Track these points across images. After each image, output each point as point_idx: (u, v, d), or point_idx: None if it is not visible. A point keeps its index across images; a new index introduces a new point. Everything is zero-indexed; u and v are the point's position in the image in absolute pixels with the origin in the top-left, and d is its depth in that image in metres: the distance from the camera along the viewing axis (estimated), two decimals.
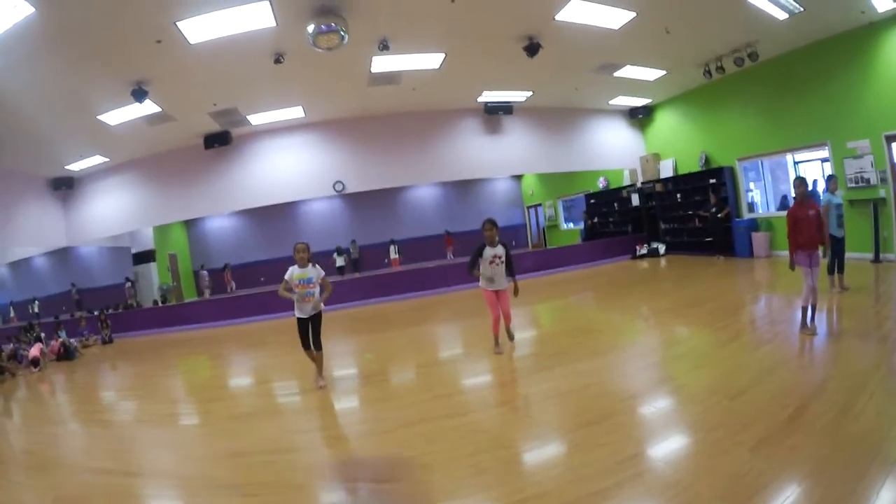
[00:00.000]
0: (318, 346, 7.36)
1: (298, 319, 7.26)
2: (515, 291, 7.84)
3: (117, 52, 9.58)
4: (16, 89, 10.15)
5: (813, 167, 14.28)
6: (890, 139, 11.50)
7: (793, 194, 7.75)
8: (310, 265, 7.18)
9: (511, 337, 8.16)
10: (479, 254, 7.60)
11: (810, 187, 12.81)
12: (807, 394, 4.83)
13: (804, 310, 6.99)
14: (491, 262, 7.58)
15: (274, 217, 23.92)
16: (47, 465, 5.94)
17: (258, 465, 5.02)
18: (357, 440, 5.45)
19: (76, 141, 14.12)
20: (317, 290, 7.23)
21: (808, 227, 7.10)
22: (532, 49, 11.61)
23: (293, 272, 7.13)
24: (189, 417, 7.65)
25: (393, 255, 23.94)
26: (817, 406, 4.50)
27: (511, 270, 7.76)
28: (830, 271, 9.24)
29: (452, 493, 3.98)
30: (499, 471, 4.21)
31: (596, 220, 23.19)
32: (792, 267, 7.22)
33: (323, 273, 7.30)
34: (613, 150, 20.09)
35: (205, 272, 23.26)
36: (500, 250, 7.60)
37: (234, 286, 23.52)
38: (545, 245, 27.74)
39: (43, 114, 11.62)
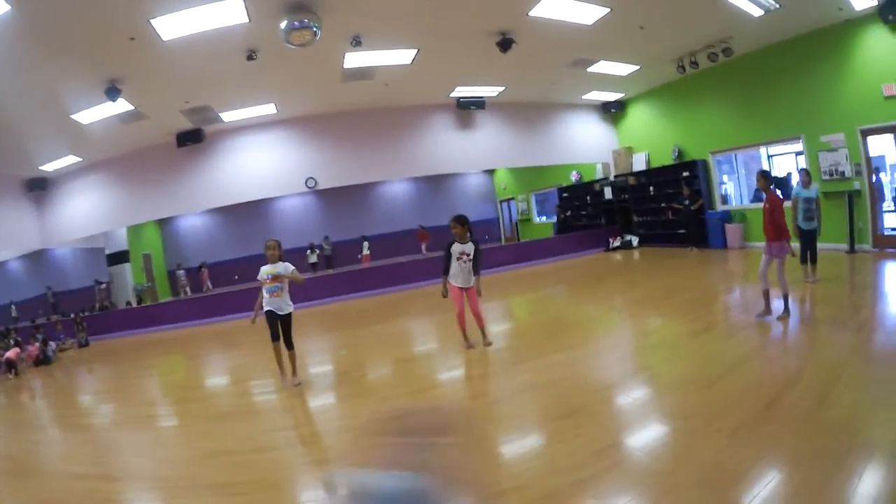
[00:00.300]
0: (290, 346, 7.28)
1: (267, 312, 7.14)
2: (478, 291, 7.67)
3: (91, 50, 9.46)
4: None
5: (787, 160, 14.43)
6: (865, 133, 11.68)
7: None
8: (280, 262, 7.15)
9: (487, 343, 7.92)
10: (449, 251, 7.56)
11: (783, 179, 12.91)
12: (783, 382, 4.89)
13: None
14: (458, 259, 7.49)
15: (247, 215, 23.66)
16: (27, 472, 5.86)
17: (238, 465, 5.00)
18: (334, 436, 5.45)
19: (50, 141, 13.89)
20: (285, 285, 7.19)
21: (763, 218, 7.44)
22: (505, 45, 11.60)
23: (264, 269, 7.13)
24: (167, 419, 7.59)
25: (365, 251, 23.77)
26: (794, 394, 4.55)
27: (476, 269, 7.61)
28: (802, 261, 9.38)
29: None
30: (476, 464, 4.21)
31: (569, 213, 23.23)
32: None
33: (293, 268, 7.23)
34: (586, 144, 20.16)
35: (181, 272, 22.86)
36: (468, 247, 7.49)
37: (211, 285, 23.30)
38: (518, 239, 27.80)
39: (16, 113, 11.43)
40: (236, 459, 5.17)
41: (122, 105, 11.95)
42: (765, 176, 7.65)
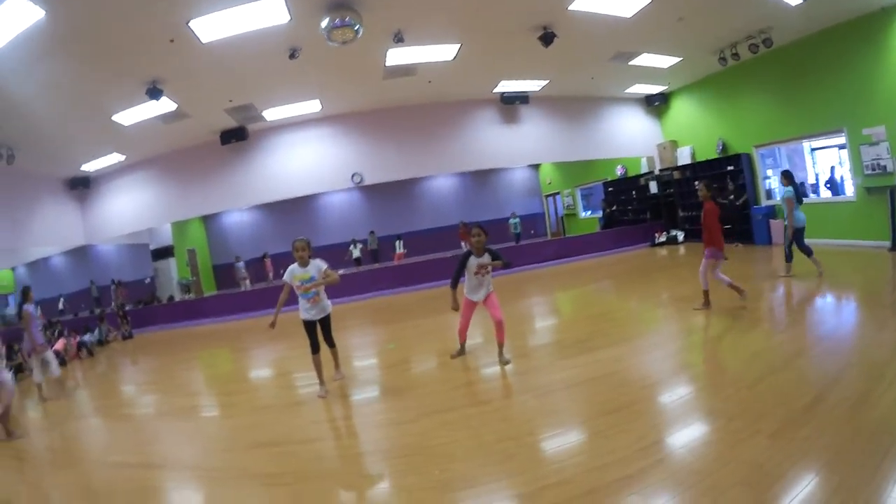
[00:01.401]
0: (332, 344, 7.14)
1: (305, 322, 6.85)
2: (504, 264, 6.99)
3: (129, 53, 9.68)
4: (30, 93, 10.27)
5: (830, 154, 14.21)
6: None
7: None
8: (311, 262, 6.67)
9: (504, 362, 7.12)
10: (464, 264, 7.08)
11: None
12: (824, 382, 4.84)
13: None
14: (476, 273, 7.01)
15: (292, 210, 23.98)
16: (71, 461, 6.04)
17: (284, 456, 5.12)
18: (380, 429, 5.52)
19: (91, 141, 14.30)
20: (322, 288, 6.81)
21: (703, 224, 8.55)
22: (546, 39, 11.58)
23: (293, 272, 6.68)
24: (212, 410, 7.79)
25: (399, 249, 23.80)
26: (835, 395, 4.51)
27: (497, 259, 7.00)
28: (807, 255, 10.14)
29: (476, 479, 4.05)
30: (523, 458, 4.28)
31: (614, 208, 23.00)
32: None
33: (325, 265, 6.71)
34: (631, 138, 20.03)
35: (241, 264, 22.91)
36: (486, 259, 6.98)
37: (273, 275, 23.37)
38: (564, 234, 27.61)
39: (57, 116, 11.76)
40: (282, 450, 5.29)
41: (164, 105, 12.21)
42: (707, 186, 8.57)
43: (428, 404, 5.94)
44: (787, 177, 10.33)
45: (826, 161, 14.29)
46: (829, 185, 13.94)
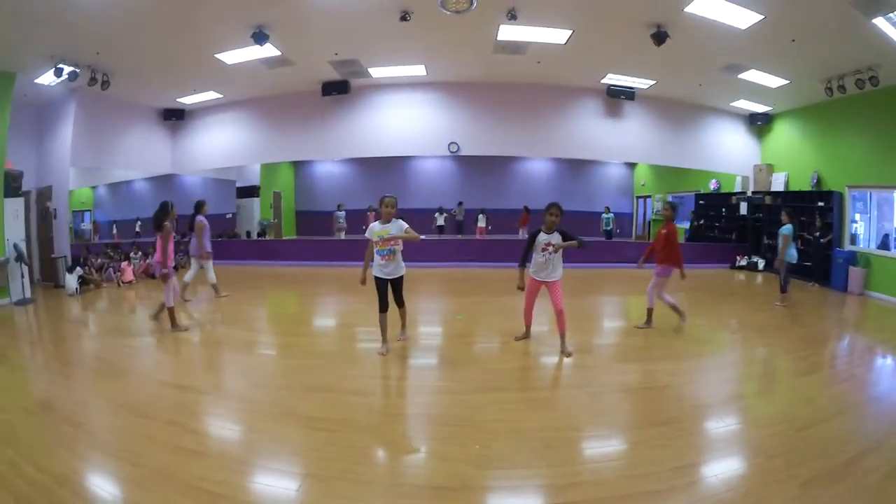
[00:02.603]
0: (401, 304, 7.31)
1: (377, 279, 6.92)
2: (579, 244, 6.94)
3: None
4: (133, 21, 10.49)
5: None
6: None
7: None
8: (393, 221, 6.75)
9: (567, 353, 7.16)
10: (533, 241, 7.16)
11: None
12: (866, 444, 4.73)
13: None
14: (543, 250, 7.04)
15: (384, 169, 23.97)
16: (118, 373, 6.40)
17: (332, 403, 5.39)
18: (431, 395, 5.74)
19: (191, 76, 14.73)
20: (399, 247, 6.89)
21: (657, 242, 8.71)
22: (659, 37, 11.37)
23: (373, 228, 6.80)
24: (269, 348, 8.08)
25: (480, 223, 23.81)
26: (872, 459, 4.40)
27: (577, 242, 6.92)
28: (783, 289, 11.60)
29: (513, 462, 4.20)
30: (561, 450, 4.42)
31: (702, 222, 22.37)
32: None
33: (406, 225, 6.75)
34: (729, 154, 19.45)
35: (341, 213, 22.60)
36: (555, 237, 6.99)
37: None
38: (648, 238, 26.95)
39: (159, 47, 12.03)
40: (331, 397, 5.55)
41: (269, 50, 12.43)
42: (673, 208, 8.87)
43: (482, 380, 6.10)
44: (789, 214, 11.46)
45: None
46: None
